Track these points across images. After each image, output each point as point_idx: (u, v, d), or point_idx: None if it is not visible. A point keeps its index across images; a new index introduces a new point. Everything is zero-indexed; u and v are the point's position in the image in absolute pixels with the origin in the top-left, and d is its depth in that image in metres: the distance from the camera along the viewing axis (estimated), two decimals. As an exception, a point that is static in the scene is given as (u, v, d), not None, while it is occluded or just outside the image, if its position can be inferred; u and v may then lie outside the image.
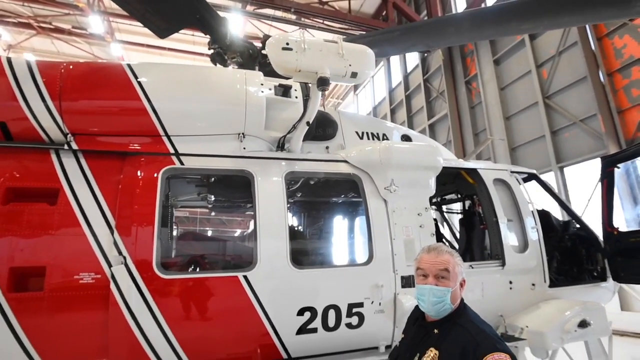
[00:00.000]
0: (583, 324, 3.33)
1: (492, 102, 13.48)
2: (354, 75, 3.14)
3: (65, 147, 2.92)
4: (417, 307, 1.91)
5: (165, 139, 3.14)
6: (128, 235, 2.73)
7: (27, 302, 2.52)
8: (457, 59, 15.41)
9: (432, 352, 1.62)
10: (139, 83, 3.05)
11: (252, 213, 3.12)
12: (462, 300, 1.76)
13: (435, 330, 1.69)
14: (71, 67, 3.05)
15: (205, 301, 2.81)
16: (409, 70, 18.64)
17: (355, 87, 24.18)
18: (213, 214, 4.72)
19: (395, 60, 19.95)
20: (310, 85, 3.29)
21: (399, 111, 19.09)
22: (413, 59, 18.29)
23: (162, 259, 2.83)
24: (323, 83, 3.03)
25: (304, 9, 14.69)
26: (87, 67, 3.19)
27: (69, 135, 2.93)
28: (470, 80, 14.82)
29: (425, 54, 16.64)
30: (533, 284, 3.77)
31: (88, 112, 3.01)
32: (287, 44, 2.96)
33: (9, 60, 2.90)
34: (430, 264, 1.72)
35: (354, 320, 3.10)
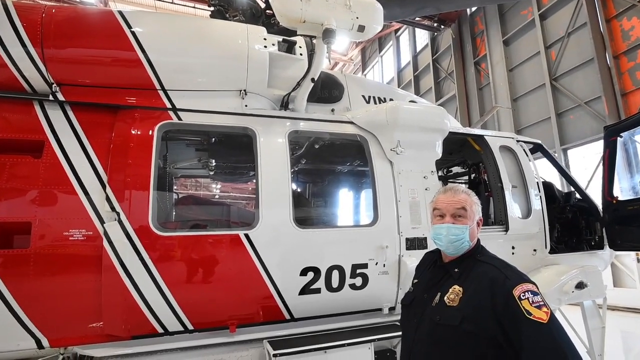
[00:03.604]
0: (580, 286, 3.41)
1: (500, 84, 13.34)
2: (361, 28, 3.01)
3: (50, 97, 2.73)
4: (430, 252, 1.89)
5: (161, 93, 2.99)
6: (122, 190, 2.59)
7: (11, 259, 2.40)
8: (467, 39, 15.14)
9: (455, 289, 1.59)
10: (133, 32, 2.87)
11: (254, 172, 3.05)
12: (479, 239, 1.74)
13: (456, 270, 1.66)
14: (54, 10, 2.80)
15: (206, 260, 2.73)
16: (418, 50, 18.29)
17: (364, 68, 23.78)
18: (212, 172, 4.60)
19: (404, 40, 19.54)
20: (315, 40, 3.17)
21: (407, 91, 18.85)
22: (423, 38, 17.90)
23: (159, 216, 2.74)
24: (329, 35, 2.89)
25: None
26: (72, 12, 2.96)
27: (54, 85, 2.74)
28: (479, 61, 14.62)
29: (435, 33, 16.27)
30: (534, 250, 3.79)
31: (75, 60, 2.80)
32: None
33: None
34: (447, 203, 1.68)
35: (358, 281, 3.09)
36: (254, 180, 3.05)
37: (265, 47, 3.19)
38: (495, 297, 1.48)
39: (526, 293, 1.45)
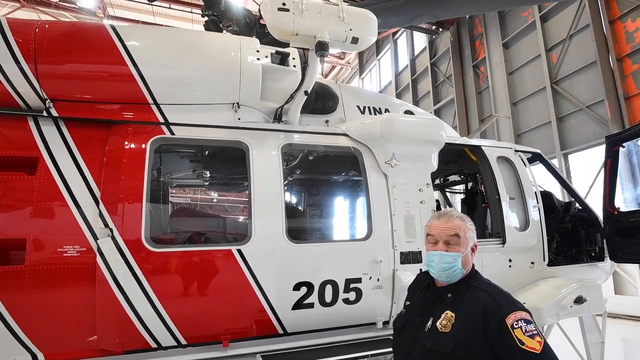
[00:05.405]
0: (579, 300, 3.35)
1: (499, 87, 13.26)
2: (354, 40, 3.00)
3: (44, 113, 2.74)
4: (423, 273, 1.87)
5: (154, 107, 2.99)
6: (114, 206, 2.61)
7: (7, 275, 2.42)
8: (466, 42, 15.05)
9: (448, 315, 1.58)
10: (125, 46, 2.88)
11: (247, 186, 3.03)
12: (473, 265, 1.72)
13: (449, 295, 1.64)
14: (47, 26, 2.82)
15: (198, 275, 2.73)
16: (416, 54, 18.24)
17: (361, 72, 23.76)
18: (206, 186, 4.62)
19: (402, 43, 19.50)
20: (308, 51, 3.14)
21: (405, 96, 18.80)
22: (421, 41, 17.86)
23: (152, 232, 2.75)
24: (322, 48, 2.87)
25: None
26: (65, 27, 3.00)
27: (48, 101, 2.75)
28: (478, 64, 14.52)
29: (434, 36, 16.23)
30: (532, 263, 3.74)
31: (68, 76, 2.82)
32: (284, 4, 2.81)
33: None
34: (440, 229, 1.66)
35: (352, 295, 3.07)
36: (247, 195, 3.04)
37: (258, 59, 3.18)
38: (488, 324, 1.48)
39: (519, 322, 1.44)
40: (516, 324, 1.43)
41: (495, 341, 1.44)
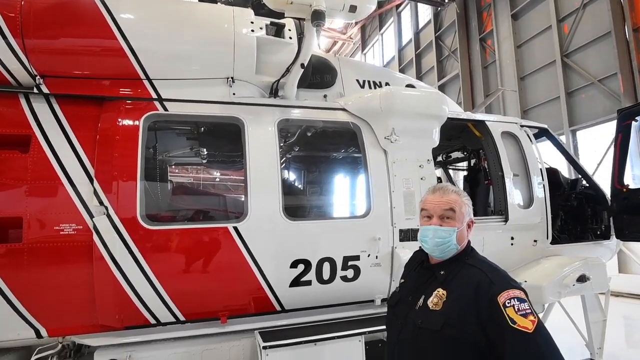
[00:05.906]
0: (582, 279, 3.30)
1: (506, 61, 12.80)
2: (352, 9, 2.86)
3: (35, 90, 2.70)
4: (419, 250, 1.82)
5: (146, 82, 2.92)
6: (109, 184, 2.61)
7: (5, 253, 2.46)
8: (473, 14, 14.44)
9: (439, 292, 1.53)
10: (113, 19, 2.77)
11: (243, 162, 2.98)
12: (469, 242, 1.66)
13: (442, 272, 1.59)
14: None
15: (194, 253, 2.75)
16: (420, 27, 17.61)
17: (363, 47, 23.08)
18: (201, 163, 4.65)
19: (406, 16, 18.80)
20: (304, 22, 2.99)
21: (409, 71, 18.31)
22: (425, 14, 17.19)
23: (147, 209, 2.75)
24: (318, 17, 2.74)
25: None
26: (51, 0, 2.87)
27: (38, 78, 2.69)
28: (485, 38, 13.98)
29: (439, 8, 15.59)
30: (535, 241, 3.69)
31: (56, 51, 2.73)
32: None
33: None
34: (435, 204, 1.61)
35: (350, 273, 3.07)
36: (243, 172, 2.99)
37: (253, 31, 3.06)
38: (480, 302, 1.42)
39: (512, 300, 1.38)
40: (508, 302, 1.37)
41: (487, 319, 1.38)
